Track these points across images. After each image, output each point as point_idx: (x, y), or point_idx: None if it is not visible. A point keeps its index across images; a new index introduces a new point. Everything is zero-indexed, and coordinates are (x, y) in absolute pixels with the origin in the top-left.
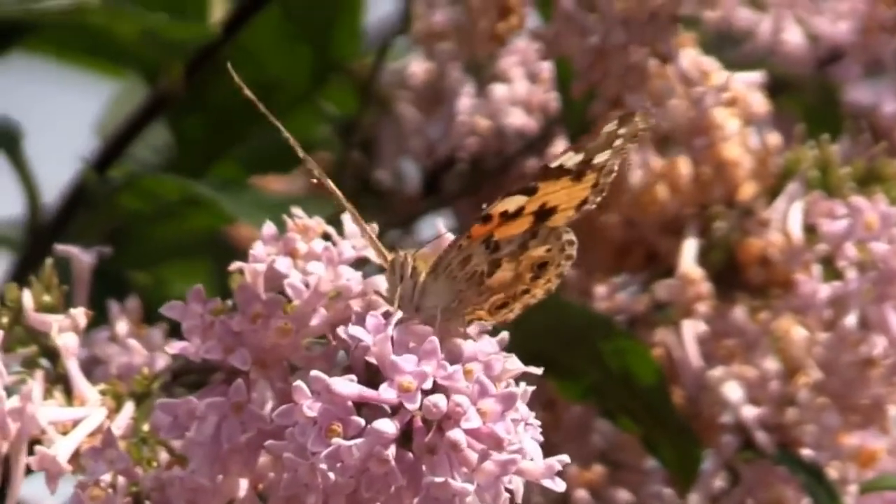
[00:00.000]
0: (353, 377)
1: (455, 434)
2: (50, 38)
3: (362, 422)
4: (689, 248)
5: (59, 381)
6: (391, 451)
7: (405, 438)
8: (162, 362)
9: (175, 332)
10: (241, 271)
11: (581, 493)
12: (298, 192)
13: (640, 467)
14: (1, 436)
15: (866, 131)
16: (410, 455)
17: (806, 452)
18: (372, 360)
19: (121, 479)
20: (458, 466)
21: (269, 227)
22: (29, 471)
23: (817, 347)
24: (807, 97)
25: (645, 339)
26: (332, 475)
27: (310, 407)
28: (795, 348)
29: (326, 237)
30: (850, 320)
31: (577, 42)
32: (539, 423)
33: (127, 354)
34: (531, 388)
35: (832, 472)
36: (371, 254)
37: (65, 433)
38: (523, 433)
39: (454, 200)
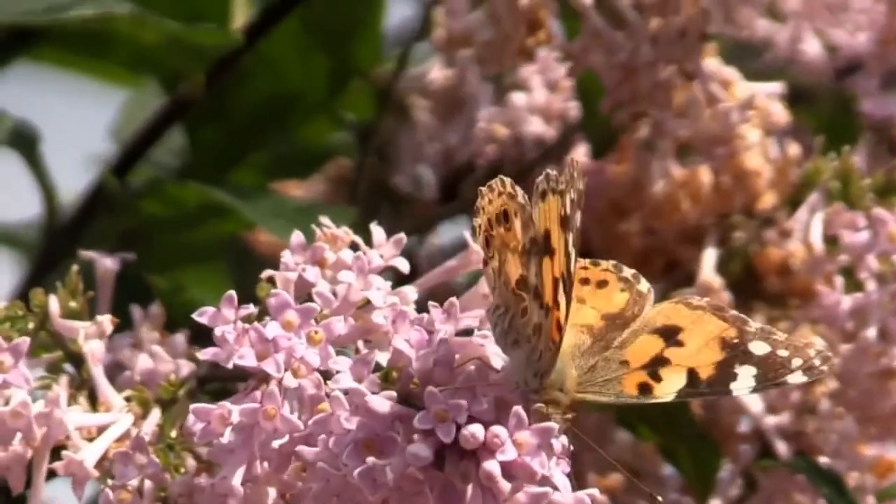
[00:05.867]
0: (394, 393)
1: (491, 465)
2: (61, 46)
3: (398, 439)
4: (709, 257)
5: (83, 386)
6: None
7: (438, 458)
8: (186, 369)
9: (196, 338)
10: (270, 279)
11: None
12: (317, 197)
13: (658, 475)
14: (26, 441)
15: (883, 142)
16: (442, 475)
17: (823, 461)
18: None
19: (148, 484)
20: (489, 495)
21: (297, 237)
22: (50, 476)
23: (836, 359)
24: (823, 108)
25: None
26: (364, 490)
27: (347, 419)
28: None
29: (354, 247)
30: (871, 332)
31: (605, 58)
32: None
33: (150, 361)
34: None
35: (850, 481)
36: (400, 263)
37: (90, 439)
38: (555, 466)
39: (471, 207)
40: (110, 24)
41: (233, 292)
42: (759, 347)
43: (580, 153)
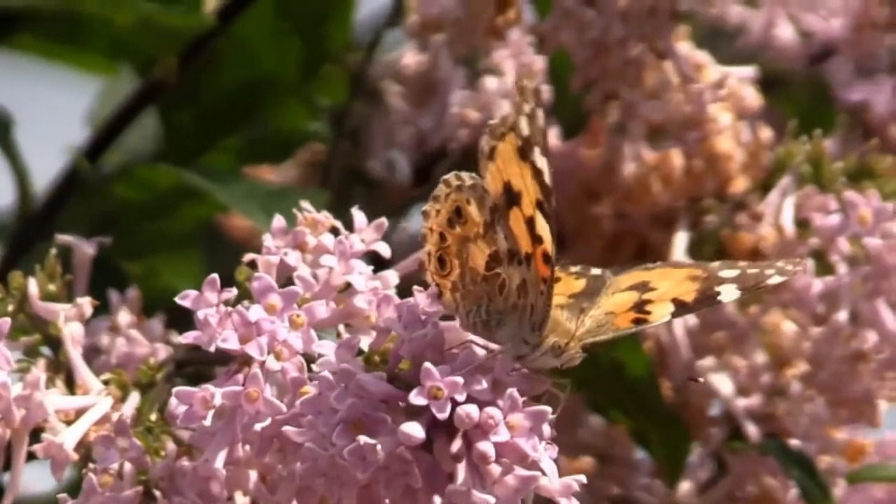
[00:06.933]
0: (384, 374)
1: (485, 446)
2: (37, 34)
3: (388, 420)
4: (680, 241)
5: (60, 370)
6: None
7: (426, 439)
8: (163, 353)
9: (173, 322)
10: (250, 263)
11: None
12: (289, 181)
13: (629, 459)
14: (5, 423)
15: (858, 128)
16: (429, 456)
17: (794, 443)
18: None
19: (128, 467)
20: (478, 477)
21: (278, 220)
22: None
23: (807, 342)
24: (798, 94)
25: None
26: (352, 470)
27: (336, 399)
28: (785, 342)
29: (335, 231)
30: (842, 315)
31: (575, 36)
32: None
33: (128, 344)
34: (550, 409)
35: (821, 464)
36: (381, 247)
37: (68, 422)
38: (543, 451)
39: None
40: (83, 6)
41: (215, 276)
42: (728, 273)
43: (552, 137)
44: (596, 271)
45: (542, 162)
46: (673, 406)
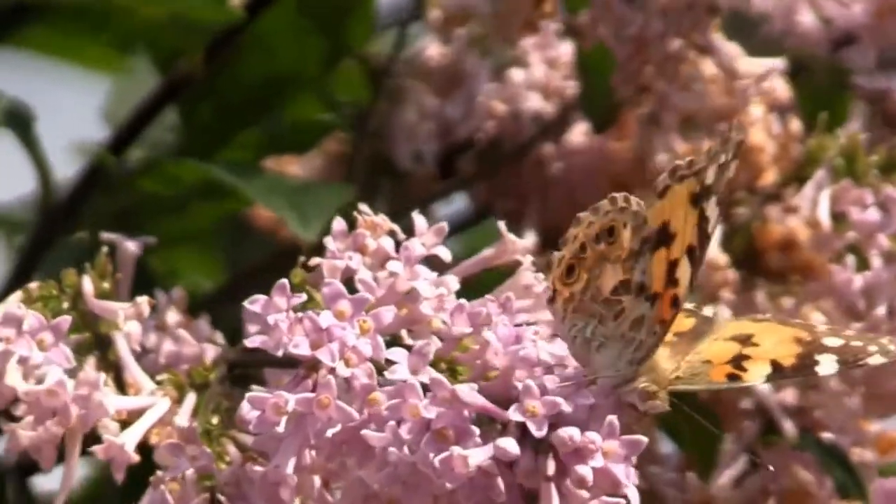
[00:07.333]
0: (475, 385)
1: (583, 470)
2: (51, 28)
3: (477, 432)
4: (714, 234)
5: (109, 368)
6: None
7: None
8: (211, 353)
9: (217, 323)
10: (305, 267)
11: None
12: (314, 173)
13: (655, 453)
14: (60, 421)
15: (877, 116)
16: (510, 473)
17: (827, 436)
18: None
19: (189, 472)
20: (565, 500)
21: (339, 223)
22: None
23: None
24: (818, 80)
25: None
26: (439, 479)
27: (426, 408)
28: None
29: (392, 234)
30: (881, 311)
31: (613, 31)
32: None
33: (176, 344)
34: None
35: (852, 456)
36: (442, 251)
37: (120, 422)
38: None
39: (470, 183)
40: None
41: (285, 281)
42: (832, 341)
43: (579, 130)
44: (707, 312)
45: (712, 212)
46: (705, 399)
